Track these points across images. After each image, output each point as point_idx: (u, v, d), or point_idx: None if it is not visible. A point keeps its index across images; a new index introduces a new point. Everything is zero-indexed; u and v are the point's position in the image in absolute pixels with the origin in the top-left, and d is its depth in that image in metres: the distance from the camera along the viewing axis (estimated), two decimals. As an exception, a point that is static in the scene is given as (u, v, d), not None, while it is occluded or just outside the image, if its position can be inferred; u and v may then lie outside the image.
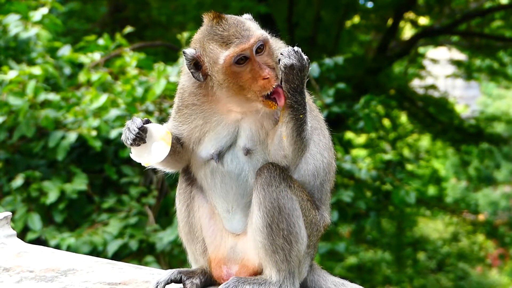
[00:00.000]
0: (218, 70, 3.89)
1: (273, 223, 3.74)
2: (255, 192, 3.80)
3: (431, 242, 31.00)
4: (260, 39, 3.91)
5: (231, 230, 3.94)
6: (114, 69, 11.18)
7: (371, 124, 12.94)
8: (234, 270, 3.88)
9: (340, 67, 12.57)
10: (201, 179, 4.06)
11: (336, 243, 12.11)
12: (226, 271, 3.89)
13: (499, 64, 27.62)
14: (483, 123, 27.96)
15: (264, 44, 3.93)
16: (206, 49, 3.94)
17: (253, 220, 3.79)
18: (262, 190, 3.76)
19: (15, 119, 9.85)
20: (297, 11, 22.29)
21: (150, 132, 3.97)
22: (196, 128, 4.05)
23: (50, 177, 10.11)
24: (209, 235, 3.99)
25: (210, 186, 4.01)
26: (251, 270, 3.85)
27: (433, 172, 30.70)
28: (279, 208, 3.75)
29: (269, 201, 3.75)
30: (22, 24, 11.14)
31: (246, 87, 3.85)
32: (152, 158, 3.92)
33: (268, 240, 3.75)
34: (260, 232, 3.76)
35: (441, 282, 30.30)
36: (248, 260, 3.87)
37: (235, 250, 3.91)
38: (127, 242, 9.83)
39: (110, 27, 18.08)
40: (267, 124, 3.94)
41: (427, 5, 26.10)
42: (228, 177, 3.95)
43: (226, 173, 3.95)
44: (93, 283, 4.07)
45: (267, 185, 3.77)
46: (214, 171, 3.98)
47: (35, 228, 9.64)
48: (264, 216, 3.74)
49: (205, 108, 4.05)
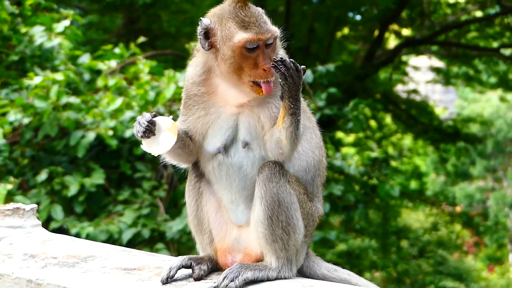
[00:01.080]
0: (229, 46, 3.86)
1: (273, 215, 3.74)
2: (257, 187, 3.80)
3: (413, 231, 30.99)
4: (274, 36, 3.92)
5: (236, 221, 3.94)
6: (128, 75, 11.17)
7: (359, 125, 12.94)
8: (238, 258, 3.88)
9: (331, 73, 12.58)
10: (209, 173, 4.04)
11: (328, 232, 12.10)
12: (231, 259, 3.89)
13: (474, 71, 27.66)
14: (460, 124, 27.96)
15: (274, 40, 3.92)
16: (224, 25, 3.90)
17: (255, 212, 3.79)
18: (264, 185, 3.76)
19: (40, 120, 9.85)
20: (293, 23, 22.28)
21: (158, 124, 3.98)
22: (199, 119, 4.03)
23: (71, 172, 10.11)
24: (216, 227, 3.99)
25: (217, 179, 3.99)
26: (253, 258, 3.85)
27: (415, 168, 30.70)
28: (278, 201, 3.75)
29: (269, 195, 3.75)
30: (46, 35, 11.14)
31: (245, 70, 3.84)
32: (161, 148, 3.92)
33: (269, 231, 3.75)
34: (261, 223, 3.76)
35: (422, 267, 30.29)
36: (250, 249, 3.87)
37: (239, 241, 3.91)
38: (140, 231, 9.84)
39: (125, 38, 18.07)
40: (263, 118, 3.91)
41: (409, 18, 26.10)
42: (232, 170, 3.93)
43: (230, 165, 3.93)
44: (110, 269, 4.07)
45: (268, 181, 3.76)
46: (221, 164, 3.96)
47: (57, 218, 9.64)
48: (265, 209, 3.74)
49: (204, 99, 4.02)
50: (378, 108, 24.04)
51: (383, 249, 28.05)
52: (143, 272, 3.99)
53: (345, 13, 24.28)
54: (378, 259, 28.32)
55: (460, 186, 44.74)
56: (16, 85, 10.76)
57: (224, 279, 3.67)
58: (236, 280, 3.66)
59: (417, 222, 33.07)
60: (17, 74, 11.07)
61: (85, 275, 4.05)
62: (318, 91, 12.31)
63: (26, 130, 10.13)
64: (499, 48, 26.19)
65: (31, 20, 11.52)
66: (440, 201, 35.70)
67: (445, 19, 26.19)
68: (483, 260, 41.16)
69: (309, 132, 4.04)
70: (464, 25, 26.39)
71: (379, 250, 28.09)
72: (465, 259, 35.46)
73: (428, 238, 31.48)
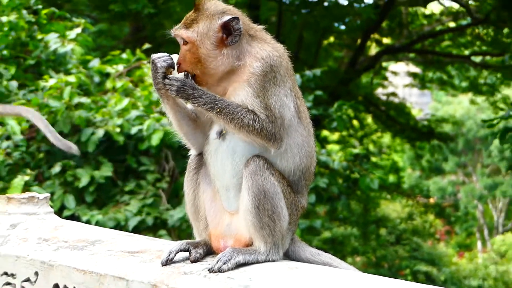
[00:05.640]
0: None
1: (260, 205, 3.74)
2: (244, 180, 3.77)
3: (390, 220, 31.07)
4: (178, 35, 3.93)
5: (228, 207, 3.92)
6: (134, 78, 11.18)
7: (342, 124, 12.96)
8: (230, 243, 3.88)
9: (318, 78, 12.58)
10: (208, 157, 3.96)
11: (314, 221, 12.10)
12: (223, 244, 3.89)
13: (447, 76, 27.75)
14: (434, 124, 28.01)
15: (183, 40, 3.91)
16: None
17: (244, 202, 3.78)
18: (250, 178, 3.74)
19: (54, 118, 9.85)
20: (283, 32, 22.29)
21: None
22: None
23: (82, 165, 10.11)
24: (210, 215, 3.99)
25: (213, 163, 3.92)
26: (243, 243, 3.86)
27: (393, 163, 30.76)
28: (264, 192, 3.73)
29: (255, 187, 3.73)
30: (60, 41, 11.14)
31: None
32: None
33: (256, 219, 3.75)
34: (249, 212, 3.76)
35: (399, 253, 30.38)
36: (241, 235, 3.87)
37: (231, 227, 3.91)
38: (144, 219, 9.84)
39: (131, 44, 18.02)
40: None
41: (389, 28, 26.14)
42: (226, 155, 3.87)
43: (224, 151, 3.87)
44: (115, 251, 4.09)
45: (254, 174, 3.74)
46: (217, 149, 3.90)
47: (70, 206, 9.64)
48: (252, 199, 3.73)
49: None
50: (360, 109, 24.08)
51: (364, 237, 28.14)
52: (145, 254, 4.00)
53: (331, 23, 24.29)
54: (359, 245, 28.41)
55: (434, 180, 44.95)
56: (32, 86, 10.77)
57: (218, 261, 3.68)
58: (228, 263, 3.67)
59: (395, 212, 33.15)
60: (33, 77, 11.08)
61: (93, 257, 4.06)
62: (306, 94, 12.32)
63: (41, 127, 10.11)
64: (470, 55, 26.26)
65: (46, 27, 11.52)
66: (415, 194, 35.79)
67: (422, 29, 26.27)
68: (453, 247, 41.34)
69: (301, 138, 3.94)
70: (438, 35, 26.50)
71: (360, 237, 28.18)
72: (437, 246, 35.58)
73: (404, 227, 31.58)
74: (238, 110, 3.74)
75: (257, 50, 3.86)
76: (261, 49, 3.87)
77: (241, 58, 3.85)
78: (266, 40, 3.97)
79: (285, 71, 3.89)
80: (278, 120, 3.78)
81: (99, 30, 20.48)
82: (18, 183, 9.16)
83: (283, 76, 3.86)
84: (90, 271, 3.97)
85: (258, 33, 3.98)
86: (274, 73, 3.81)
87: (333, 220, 26.15)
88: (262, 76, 3.78)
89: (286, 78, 3.88)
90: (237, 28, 3.83)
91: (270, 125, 3.75)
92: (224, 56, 3.84)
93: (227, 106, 3.74)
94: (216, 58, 3.84)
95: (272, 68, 3.81)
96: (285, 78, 3.87)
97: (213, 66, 3.84)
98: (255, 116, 3.74)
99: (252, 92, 3.76)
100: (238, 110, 3.74)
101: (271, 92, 3.78)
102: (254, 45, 3.89)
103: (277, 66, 3.84)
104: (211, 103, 3.74)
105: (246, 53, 3.86)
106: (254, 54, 3.84)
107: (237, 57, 3.85)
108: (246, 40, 3.89)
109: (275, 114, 3.77)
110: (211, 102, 3.74)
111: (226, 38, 3.83)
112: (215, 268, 3.66)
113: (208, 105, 3.74)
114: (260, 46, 3.89)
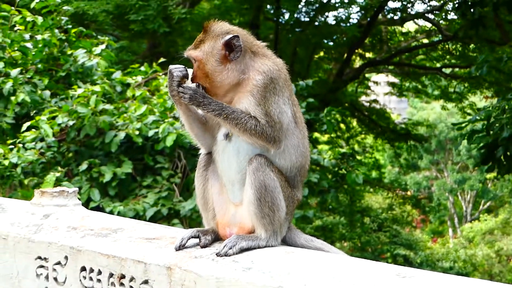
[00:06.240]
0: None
1: (261, 198, 3.72)
2: (248, 176, 3.76)
3: (373, 211, 31.09)
4: (190, 56, 3.92)
5: (233, 199, 3.90)
6: (151, 88, 11.15)
7: (331, 127, 12.93)
8: (234, 230, 3.86)
9: (310, 87, 12.55)
10: (216, 155, 3.94)
11: (307, 211, 12.06)
12: (229, 231, 3.88)
13: (422, 85, 27.84)
14: (410, 127, 28.04)
15: (193, 59, 3.90)
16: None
17: (247, 195, 3.76)
18: (253, 174, 3.73)
19: (81, 122, 9.85)
20: (279, 48, 22.33)
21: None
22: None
23: (106, 163, 10.09)
24: (218, 206, 3.97)
25: (221, 161, 3.89)
26: (246, 230, 3.84)
27: (375, 161, 30.76)
28: (265, 186, 3.72)
29: (258, 182, 3.72)
30: (87, 56, 11.12)
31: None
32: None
33: (258, 210, 3.73)
34: (252, 204, 3.74)
35: (380, 239, 30.40)
36: (244, 223, 3.86)
37: (235, 217, 3.89)
38: (160, 209, 9.81)
39: (149, 59, 18.02)
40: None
41: (371, 44, 26.24)
42: (232, 154, 3.85)
43: (230, 151, 3.85)
44: (135, 238, 4.07)
45: (256, 170, 3.73)
46: (224, 149, 3.87)
47: (95, 199, 9.62)
48: (255, 192, 3.72)
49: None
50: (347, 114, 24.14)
51: (350, 225, 28.15)
52: (161, 241, 3.99)
53: (321, 40, 24.38)
54: (346, 232, 28.43)
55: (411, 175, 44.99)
56: (63, 95, 10.76)
57: (224, 247, 3.67)
58: (233, 248, 3.67)
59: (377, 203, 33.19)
60: (64, 87, 11.07)
61: (115, 243, 4.05)
62: (300, 101, 12.23)
63: (71, 130, 10.12)
64: (441, 68, 26.36)
65: (75, 44, 11.51)
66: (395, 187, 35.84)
67: (399, 45, 26.34)
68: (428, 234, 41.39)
69: (297, 140, 3.90)
70: (414, 50, 26.60)
71: (347, 225, 28.19)
72: (414, 233, 35.61)
73: (385, 216, 31.61)
74: (242, 116, 3.73)
75: (259, 65, 3.83)
76: (263, 63, 3.84)
77: (245, 72, 3.81)
78: (267, 55, 3.94)
79: (284, 82, 3.87)
80: (277, 125, 3.77)
81: (121, 47, 20.48)
82: (50, 179, 9.14)
83: (281, 87, 3.83)
84: (113, 255, 3.96)
85: (260, 49, 3.95)
86: (274, 84, 3.79)
87: (324, 210, 26.18)
88: (263, 87, 3.76)
89: (284, 89, 3.85)
90: (238, 45, 3.80)
91: (270, 129, 3.74)
92: (229, 71, 3.80)
93: (233, 113, 3.73)
94: (221, 73, 3.81)
95: (272, 80, 3.79)
96: (283, 88, 3.84)
97: (219, 80, 3.82)
98: (256, 121, 3.73)
99: (254, 101, 3.75)
100: (242, 116, 3.73)
101: (271, 101, 3.76)
102: (257, 60, 3.86)
103: (276, 78, 3.81)
104: (218, 109, 3.73)
105: (250, 67, 3.82)
106: (256, 68, 3.81)
107: (242, 71, 3.81)
108: (249, 56, 3.86)
109: (274, 120, 3.76)
110: (219, 109, 3.74)
111: (229, 55, 3.81)
112: (222, 253, 3.65)
113: (216, 111, 3.74)
114: (262, 61, 3.86)
